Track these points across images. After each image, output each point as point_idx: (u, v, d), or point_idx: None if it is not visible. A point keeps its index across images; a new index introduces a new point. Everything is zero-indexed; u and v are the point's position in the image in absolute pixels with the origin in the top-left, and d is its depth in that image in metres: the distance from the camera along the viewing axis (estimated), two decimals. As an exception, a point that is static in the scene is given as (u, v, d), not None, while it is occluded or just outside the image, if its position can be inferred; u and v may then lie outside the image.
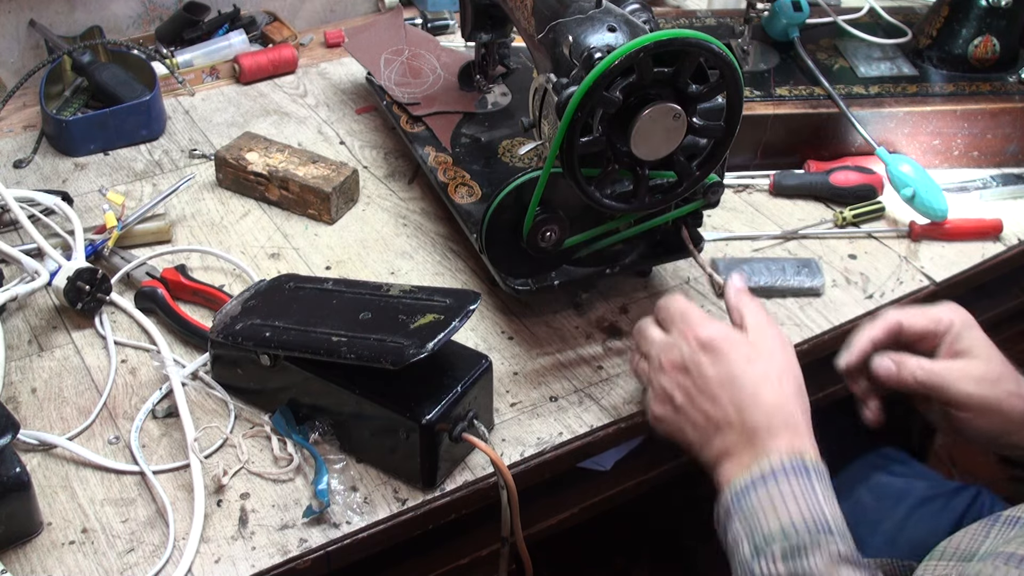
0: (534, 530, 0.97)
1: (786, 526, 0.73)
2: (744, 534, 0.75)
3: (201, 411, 0.92)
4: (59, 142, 1.26)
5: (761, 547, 0.73)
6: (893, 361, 0.87)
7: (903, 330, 0.89)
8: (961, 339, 0.87)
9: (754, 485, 0.76)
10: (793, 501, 0.74)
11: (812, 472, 0.76)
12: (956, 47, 1.26)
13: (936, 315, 0.89)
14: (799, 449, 0.77)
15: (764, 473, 0.76)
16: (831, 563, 0.70)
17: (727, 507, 0.77)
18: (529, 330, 1.02)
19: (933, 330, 0.88)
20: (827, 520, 0.73)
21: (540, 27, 0.95)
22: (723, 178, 0.97)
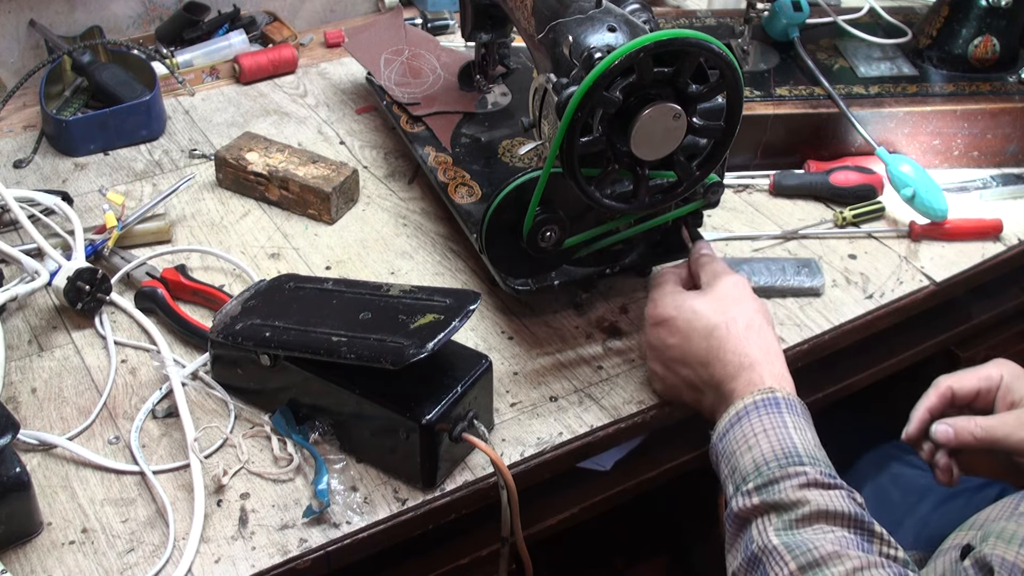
0: (534, 530, 0.97)
1: (758, 462, 0.78)
2: (727, 475, 0.81)
3: (201, 411, 0.92)
4: (59, 142, 1.26)
5: (739, 485, 0.78)
6: (949, 426, 0.91)
7: (956, 394, 0.93)
8: (1013, 390, 0.91)
9: (730, 425, 0.82)
10: (764, 436, 0.79)
11: (782, 404, 0.81)
12: (956, 47, 1.26)
13: (985, 373, 0.93)
14: (767, 385, 0.82)
15: (738, 413, 0.81)
16: (799, 488, 0.75)
17: (715, 455, 0.83)
18: (529, 330, 1.02)
19: (986, 387, 0.92)
20: (796, 450, 0.77)
21: (540, 27, 0.95)
22: (723, 178, 0.97)
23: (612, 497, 1.03)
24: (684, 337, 0.87)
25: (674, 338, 0.88)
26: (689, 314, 0.87)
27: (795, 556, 0.71)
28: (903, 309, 1.08)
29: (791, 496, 0.74)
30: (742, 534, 0.76)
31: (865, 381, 1.16)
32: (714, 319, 0.86)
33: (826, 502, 0.74)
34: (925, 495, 1.11)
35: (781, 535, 0.73)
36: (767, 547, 0.73)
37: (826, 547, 0.71)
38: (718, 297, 0.88)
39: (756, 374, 0.83)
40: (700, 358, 0.86)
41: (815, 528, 0.73)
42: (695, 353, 0.87)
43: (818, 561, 0.70)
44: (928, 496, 1.11)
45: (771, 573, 0.72)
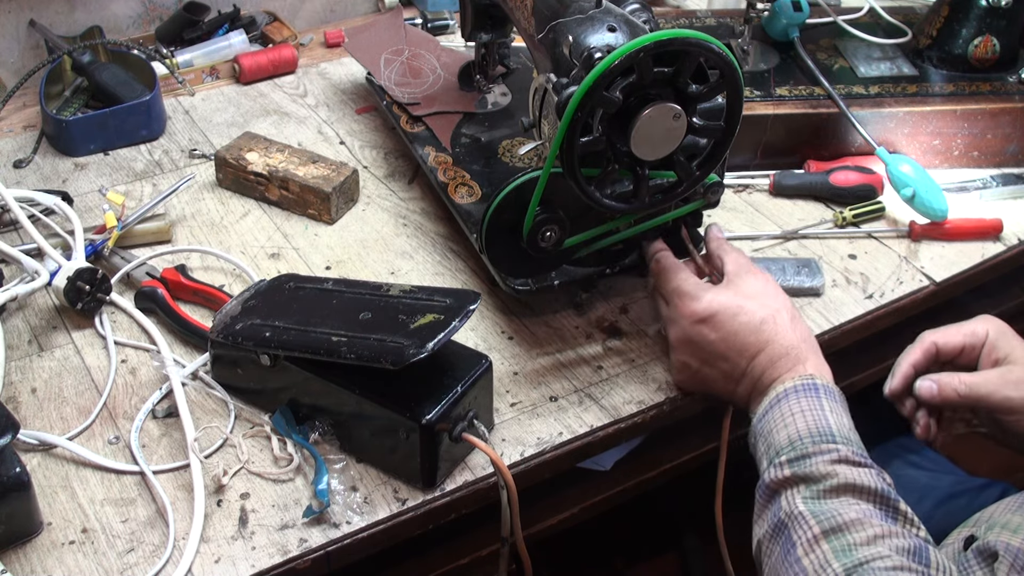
0: (534, 530, 0.97)
1: (792, 437, 0.80)
2: (763, 452, 0.83)
3: (201, 411, 0.92)
4: (59, 142, 1.26)
5: (772, 459, 0.80)
6: (933, 382, 0.91)
7: (940, 350, 0.93)
8: (997, 348, 0.91)
9: (770, 407, 0.84)
10: (800, 416, 0.81)
11: (820, 390, 0.83)
12: (956, 47, 1.26)
13: (970, 329, 0.93)
14: (807, 373, 0.85)
15: (778, 396, 0.84)
16: (830, 463, 0.77)
17: (753, 436, 0.85)
18: (529, 330, 1.02)
19: (971, 344, 0.92)
20: (830, 429, 0.80)
21: (540, 27, 0.95)
22: (723, 178, 0.97)
23: (612, 497, 1.03)
24: (730, 332, 0.87)
25: (718, 333, 0.88)
26: (735, 309, 0.88)
27: (819, 521, 0.73)
28: (903, 309, 1.08)
29: (821, 469, 0.76)
30: (771, 504, 0.79)
31: (865, 381, 1.16)
32: (761, 313, 0.87)
33: (854, 476, 0.76)
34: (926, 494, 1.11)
35: (808, 503, 0.75)
36: (793, 513, 0.75)
37: (850, 515, 0.73)
38: (757, 290, 0.89)
39: (801, 364, 0.85)
40: (746, 351, 0.87)
41: (841, 500, 0.75)
42: (740, 346, 0.87)
43: (841, 527, 0.73)
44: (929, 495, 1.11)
45: (795, 536, 0.74)
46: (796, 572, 0.73)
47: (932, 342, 0.92)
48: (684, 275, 0.92)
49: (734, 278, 0.91)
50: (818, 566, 0.71)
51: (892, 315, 1.07)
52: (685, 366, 0.92)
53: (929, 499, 1.10)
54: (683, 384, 0.95)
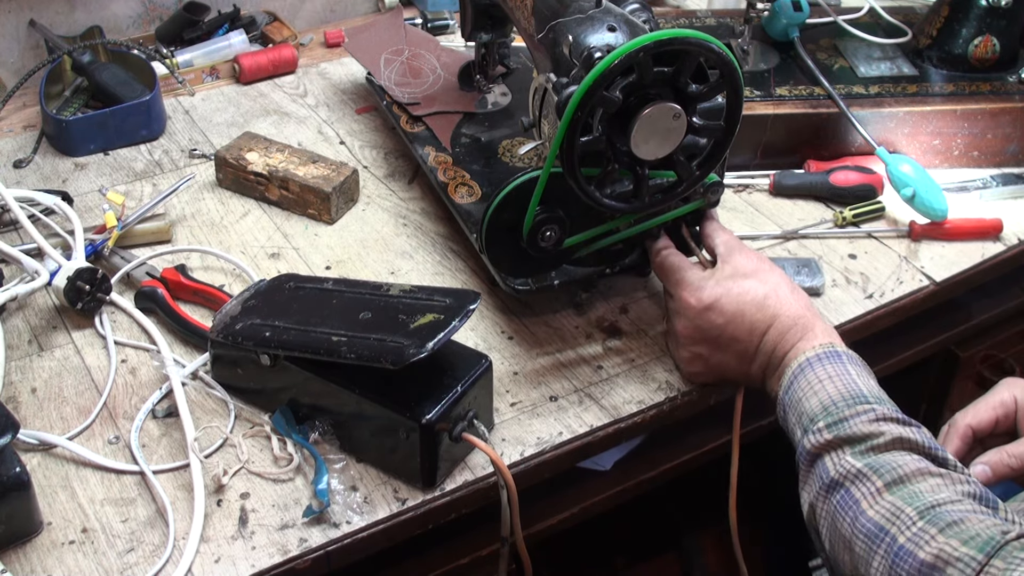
0: (534, 530, 0.97)
1: (826, 403, 0.80)
2: (795, 422, 0.83)
3: (201, 411, 0.92)
4: (59, 142, 1.26)
5: (807, 427, 0.80)
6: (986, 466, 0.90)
7: (975, 431, 0.92)
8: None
9: (795, 378, 0.84)
10: (829, 382, 0.82)
11: (843, 356, 0.84)
12: (956, 47, 1.26)
13: (999, 400, 0.92)
14: (826, 341, 0.86)
15: (801, 365, 0.84)
16: (871, 422, 0.77)
17: (782, 408, 0.85)
18: (529, 330, 1.02)
19: (1003, 414, 0.91)
20: (862, 392, 0.80)
21: (540, 27, 0.95)
22: (723, 178, 0.97)
23: (612, 497, 1.03)
24: (736, 313, 0.88)
25: (724, 317, 0.89)
26: (737, 291, 0.89)
27: (880, 475, 0.74)
28: (903, 309, 1.08)
29: (864, 429, 0.77)
30: (815, 468, 0.79)
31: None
32: (762, 289, 0.89)
33: (900, 431, 0.76)
34: None
35: (860, 459, 0.76)
36: (850, 471, 0.75)
37: (910, 465, 0.74)
38: (751, 268, 0.90)
39: (811, 331, 0.86)
40: (755, 329, 0.88)
41: (894, 453, 0.75)
42: (749, 325, 0.88)
43: (903, 478, 0.73)
44: None
45: (856, 493, 0.74)
46: (864, 523, 0.73)
47: (967, 427, 0.91)
48: (686, 269, 0.93)
49: (727, 258, 0.92)
50: (889, 514, 0.72)
51: (892, 315, 1.07)
52: (697, 356, 0.93)
53: None
54: (696, 376, 0.95)
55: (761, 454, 1.13)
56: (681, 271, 0.92)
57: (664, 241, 0.97)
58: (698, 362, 0.93)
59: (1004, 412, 0.92)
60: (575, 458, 0.92)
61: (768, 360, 0.88)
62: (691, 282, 0.91)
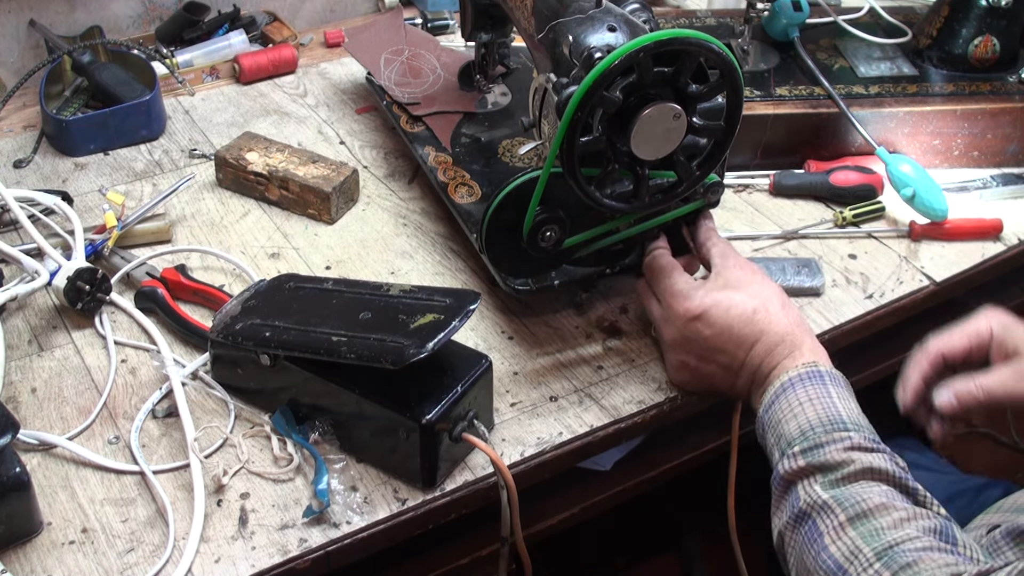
0: (534, 530, 0.97)
1: (804, 427, 0.80)
2: (773, 443, 0.83)
3: (201, 411, 0.92)
4: (59, 142, 1.26)
5: (785, 450, 0.80)
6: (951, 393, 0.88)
7: (947, 356, 0.91)
8: (1006, 342, 0.89)
9: (776, 397, 0.84)
10: (809, 404, 0.81)
11: (826, 377, 0.83)
12: (956, 47, 1.26)
13: (974, 329, 0.90)
14: (810, 360, 0.85)
15: (783, 385, 0.84)
16: (845, 450, 0.77)
17: (761, 427, 0.85)
18: (529, 330, 1.02)
19: (977, 344, 0.90)
20: (840, 417, 0.80)
21: (540, 27, 0.95)
22: (723, 178, 0.97)
23: (612, 497, 1.03)
24: (724, 326, 0.88)
25: (711, 329, 0.88)
26: (726, 303, 0.88)
27: (844, 508, 0.73)
28: (903, 309, 1.08)
29: (836, 457, 0.76)
30: (788, 495, 0.79)
31: (865, 381, 1.16)
32: (752, 303, 0.88)
33: (871, 461, 0.76)
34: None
35: (828, 490, 0.75)
36: (816, 502, 0.75)
37: (874, 499, 0.73)
38: (743, 280, 0.90)
39: (798, 350, 0.86)
40: (742, 343, 0.87)
41: (862, 484, 0.75)
42: (736, 338, 0.87)
43: (866, 512, 0.73)
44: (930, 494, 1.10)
45: (821, 526, 0.74)
46: (825, 560, 0.73)
47: (938, 351, 0.90)
48: (676, 275, 0.92)
49: (721, 269, 0.91)
50: (848, 553, 0.71)
51: (892, 315, 1.07)
52: (683, 365, 0.92)
53: None
54: (683, 384, 0.94)
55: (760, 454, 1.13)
56: (671, 276, 0.92)
57: (661, 241, 0.96)
58: (685, 370, 0.93)
59: (978, 343, 0.90)
60: (575, 458, 0.92)
61: (753, 375, 0.88)
62: (681, 290, 0.90)
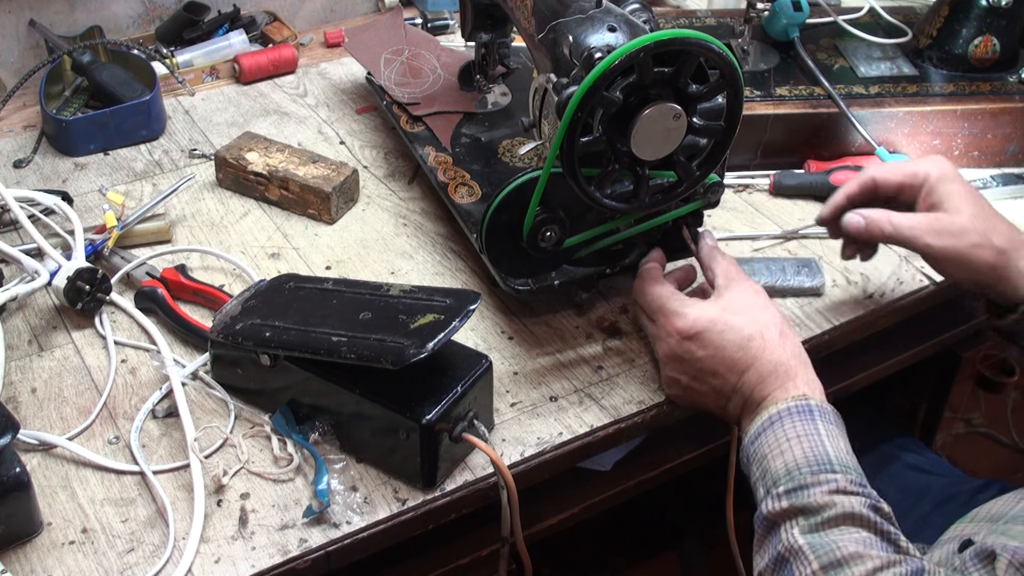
0: (534, 530, 0.97)
1: (790, 466, 0.78)
2: (758, 477, 0.81)
3: (201, 411, 0.92)
4: (59, 142, 1.26)
5: (770, 488, 0.78)
6: (863, 217, 0.92)
7: (879, 185, 0.92)
8: (935, 192, 0.91)
9: (763, 430, 0.81)
10: (797, 442, 0.79)
11: (815, 412, 0.81)
12: (956, 47, 1.26)
13: (912, 169, 0.92)
14: (801, 392, 0.82)
15: (772, 417, 0.81)
16: (828, 494, 0.75)
17: (746, 457, 0.83)
18: (529, 330, 1.02)
19: (910, 184, 0.92)
20: (828, 457, 0.78)
21: (540, 27, 0.95)
22: (723, 178, 0.97)
23: (612, 497, 1.03)
24: (717, 348, 0.86)
25: (706, 350, 0.86)
26: (722, 326, 0.86)
27: (818, 556, 0.72)
28: (903, 309, 1.08)
29: (819, 500, 0.75)
30: (770, 536, 0.77)
31: (865, 381, 1.16)
32: (748, 329, 0.85)
33: (852, 506, 0.74)
34: (923, 496, 1.11)
35: (807, 536, 0.74)
36: (793, 547, 0.74)
37: (848, 548, 0.72)
38: (745, 305, 0.87)
39: (791, 381, 0.83)
40: (735, 368, 0.85)
41: (840, 529, 0.73)
42: (729, 363, 0.85)
43: (840, 561, 0.71)
44: (926, 496, 1.11)
45: (796, 572, 0.73)
46: None
47: (871, 177, 0.92)
48: (667, 292, 0.90)
49: (723, 291, 0.89)
50: None
51: (892, 315, 1.07)
52: (675, 381, 0.91)
53: (927, 500, 1.10)
54: (675, 399, 0.93)
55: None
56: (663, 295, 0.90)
57: (655, 253, 0.95)
58: (676, 386, 0.91)
59: (911, 183, 0.92)
60: (575, 458, 0.92)
61: (744, 402, 0.86)
62: (674, 309, 0.88)
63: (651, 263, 0.94)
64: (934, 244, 0.90)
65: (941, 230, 0.90)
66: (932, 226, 0.90)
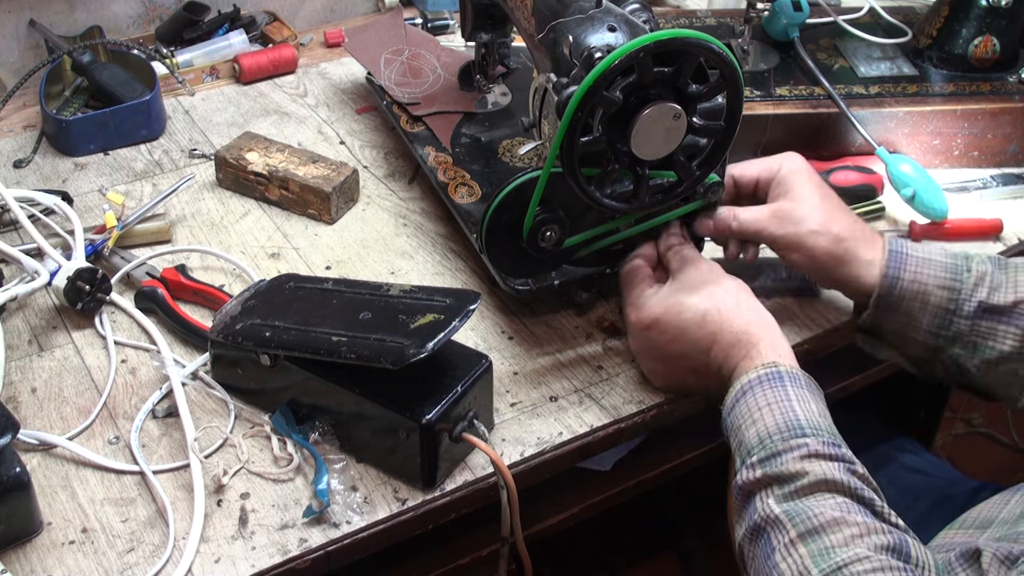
0: (534, 530, 0.97)
1: (762, 435, 0.78)
2: (735, 448, 0.81)
3: (201, 411, 0.92)
4: (59, 142, 1.26)
5: (744, 458, 0.78)
6: (710, 219, 0.94)
7: (737, 181, 0.95)
8: (783, 183, 0.93)
9: (736, 401, 0.82)
10: (768, 410, 0.79)
11: (785, 378, 0.80)
12: (956, 47, 1.26)
13: (767, 163, 0.95)
14: (769, 360, 0.82)
15: (743, 387, 0.81)
16: (801, 460, 0.75)
17: (726, 430, 0.83)
18: (529, 330, 1.02)
19: (765, 177, 0.94)
20: (799, 422, 0.77)
21: (540, 27, 0.95)
22: (723, 178, 0.97)
23: (612, 497, 1.03)
24: (678, 331, 0.87)
25: (666, 336, 0.88)
26: (676, 308, 0.87)
27: (795, 524, 0.72)
28: (903, 309, 1.08)
29: (792, 468, 0.75)
30: (747, 505, 0.77)
31: (865, 381, 1.16)
32: (702, 305, 0.86)
33: (824, 471, 0.74)
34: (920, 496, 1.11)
35: (783, 504, 0.74)
36: (769, 516, 0.74)
37: (826, 514, 0.71)
38: (697, 282, 0.88)
39: (755, 348, 0.83)
40: (699, 346, 0.86)
41: (816, 496, 0.73)
42: (693, 343, 0.86)
43: (817, 529, 0.71)
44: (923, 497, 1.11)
45: (773, 541, 0.73)
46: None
47: (730, 175, 0.94)
48: (639, 285, 0.92)
49: (677, 275, 0.90)
50: (796, 573, 0.70)
51: (892, 315, 1.07)
52: (654, 371, 0.92)
53: (924, 500, 1.10)
54: (664, 388, 0.94)
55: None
56: (630, 287, 0.92)
57: (643, 249, 0.96)
58: (658, 377, 0.93)
59: (766, 177, 0.94)
60: (575, 458, 0.92)
61: (719, 378, 0.86)
62: (633, 301, 0.91)
63: (630, 264, 0.95)
64: (775, 232, 0.92)
65: (783, 217, 0.91)
66: (774, 214, 0.92)
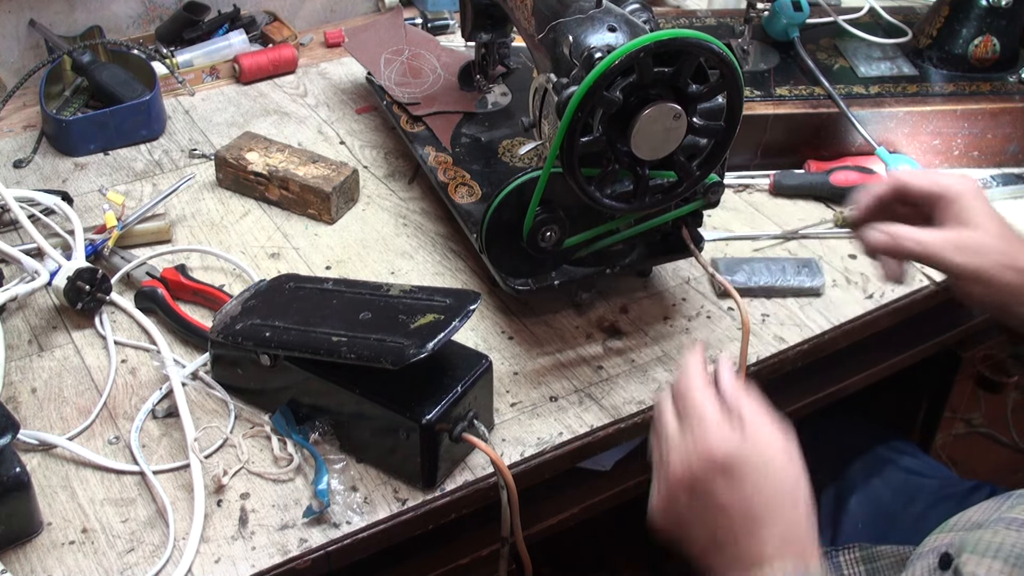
0: (534, 530, 0.97)
1: None
2: None
3: (201, 411, 0.92)
4: (59, 142, 1.26)
5: None
6: (888, 234, 0.88)
7: (907, 191, 0.89)
8: (959, 208, 0.87)
9: None
10: None
11: None
12: (956, 47, 1.26)
13: (942, 182, 0.88)
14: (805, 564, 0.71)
15: None
16: None
17: None
18: (529, 330, 1.02)
19: (937, 195, 0.88)
20: None
21: (540, 27, 0.95)
22: (723, 178, 0.97)
23: (612, 497, 1.03)
24: (743, 502, 0.72)
25: (729, 495, 0.72)
26: (757, 474, 0.72)
27: None
28: (903, 309, 1.08)
29: None
30: None
31: (865, 381, 1.16)
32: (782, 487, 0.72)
33: None
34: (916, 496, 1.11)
35: None
36: None
37: None
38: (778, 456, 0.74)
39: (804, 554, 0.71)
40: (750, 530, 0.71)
41: None
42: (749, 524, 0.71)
43: None
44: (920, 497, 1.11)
45: None
46: None
47: (904, 183, 0.89)
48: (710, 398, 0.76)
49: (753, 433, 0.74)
50: None
51: (892, 315, 1.07)
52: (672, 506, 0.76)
53: (920, 500, 1.10)
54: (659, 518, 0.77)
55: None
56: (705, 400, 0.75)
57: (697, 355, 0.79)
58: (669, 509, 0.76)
59: (939, 194, 0.88)
60: (575, 458, 0.92)
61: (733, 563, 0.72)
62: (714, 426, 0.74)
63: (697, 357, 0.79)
64: (960, 262, 0.85)
65: (966, 247, 0.86)
66: (956, 243, 0.86)
